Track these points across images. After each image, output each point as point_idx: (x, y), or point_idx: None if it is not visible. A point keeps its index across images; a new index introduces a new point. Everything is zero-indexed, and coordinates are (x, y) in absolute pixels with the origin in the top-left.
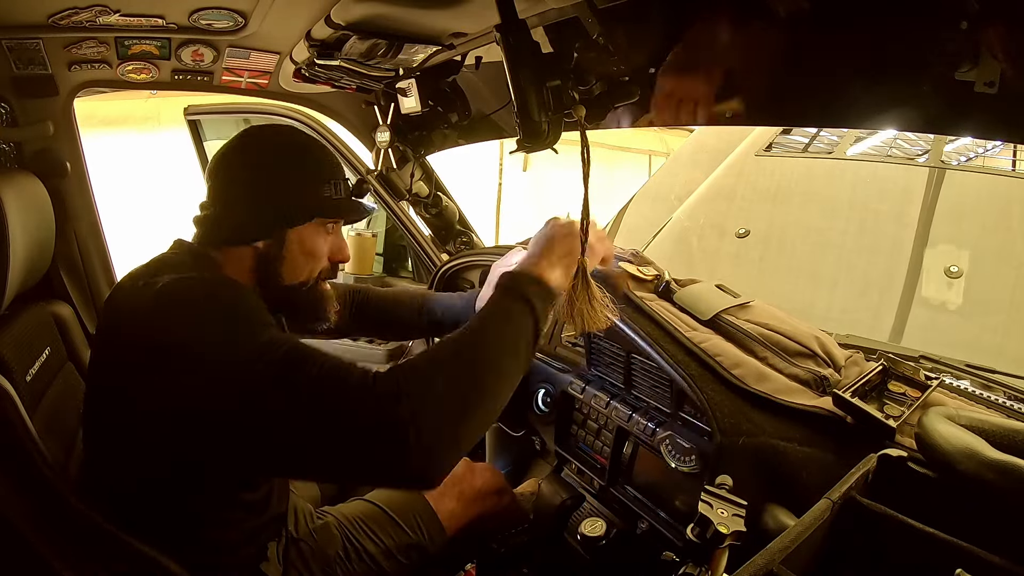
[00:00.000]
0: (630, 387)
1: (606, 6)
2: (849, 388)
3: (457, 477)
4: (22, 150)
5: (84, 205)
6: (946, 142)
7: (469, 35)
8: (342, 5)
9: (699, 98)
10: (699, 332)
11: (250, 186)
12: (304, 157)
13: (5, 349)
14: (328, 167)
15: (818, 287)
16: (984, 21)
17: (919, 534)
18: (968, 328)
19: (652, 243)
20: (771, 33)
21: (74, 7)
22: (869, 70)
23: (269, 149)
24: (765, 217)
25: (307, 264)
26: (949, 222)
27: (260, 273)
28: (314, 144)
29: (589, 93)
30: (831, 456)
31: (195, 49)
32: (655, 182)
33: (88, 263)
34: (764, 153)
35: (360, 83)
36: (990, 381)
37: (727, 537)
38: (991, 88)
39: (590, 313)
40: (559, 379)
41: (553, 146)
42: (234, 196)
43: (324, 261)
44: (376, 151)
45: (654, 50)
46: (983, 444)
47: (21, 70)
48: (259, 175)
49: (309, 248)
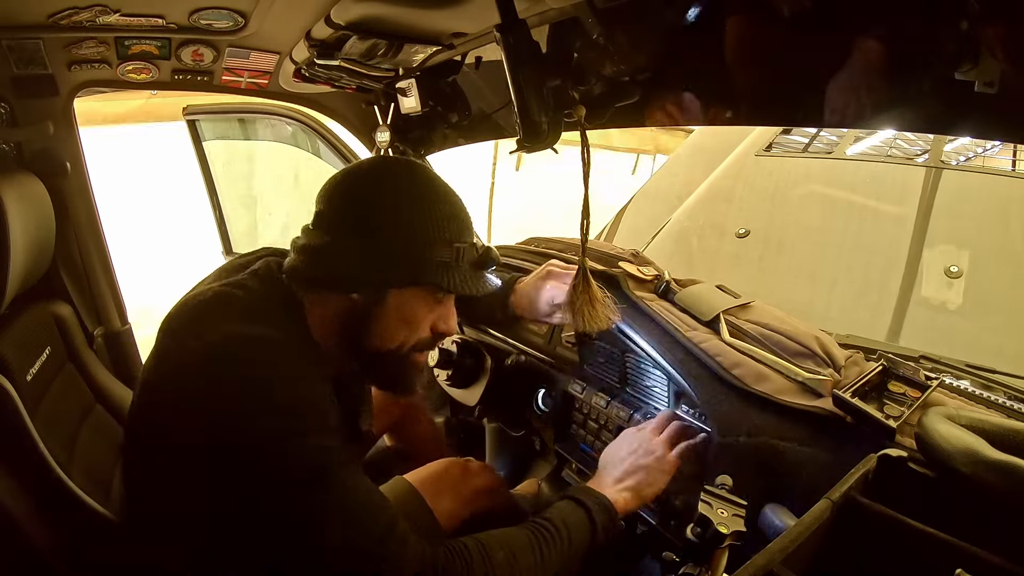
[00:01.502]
0: (625, 386)
1: (606, 6)
2: (849, 388)
3: (454, 477)
4: (22, 150)
5: (84, 205)
6: (945, 142)
7: (469, 35)
8: (342, 5)
9: (699, 98)
10: (699, 332)
11: (363, 228)
12: (433, 209)
13: (5, 349)
14: (457, 225)
15: (818, 287)
16: (984, 21)
17: (919, 534)
18: (968, 328)
19: (652, 243)
20: (771, 33)
21: (74, 7)
22: (869, 70)
23: (397, 191)
24: (765, 217)
25: (402, 332)
26: (949, 222)
27: (347, 329)
28: (447, 194)
29: (589, 93)
30: (831, 456)
31: (195, 49)
32: (655, 182)
33: (88, 263)
34: (764, 153)
35: (360, 83)
36: (990, 381)
37: (727, 537)
38: (991, 88)
39: (591, 313)
40: (559, 379)
41: (553, 146)
42: (341, 234)
43: (424, 332)
44: (376, 151)
45: (654, 50)
46: (983, 444)
47: (21, 70)
48: (377, 218)
49: (408, 315)
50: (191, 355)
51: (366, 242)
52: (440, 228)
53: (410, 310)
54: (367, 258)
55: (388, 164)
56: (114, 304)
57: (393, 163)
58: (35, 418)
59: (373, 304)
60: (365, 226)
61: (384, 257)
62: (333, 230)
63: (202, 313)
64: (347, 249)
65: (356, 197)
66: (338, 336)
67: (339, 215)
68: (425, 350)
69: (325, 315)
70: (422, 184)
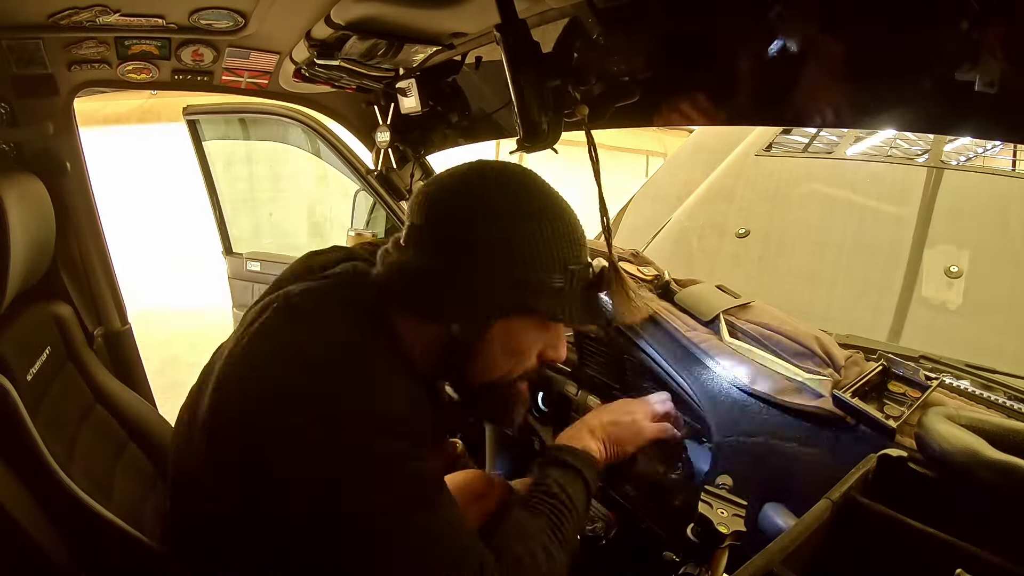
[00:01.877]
0: (624, 387)
1: (606, 6)
2: (849, 388)
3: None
4: (22, 150)
5: (84, 205)
6: (946, 142)
7: (469, 35)
8: (342, 5)
9: (699, 98)
10: (699, 332)
11: (464, 251)
12: (546, 228)
13: (5, 349)
14: (573, 244)
15: (818, 287)
16: (984, 21)
17: (919, 534)
18: (968, 328)
19: (652, 243)
20: (771, 33)
21: (74, 7)
22: (869, 70)
23: (504, 207)
24: (765, 217)
25: (507, 363)
26: (949, 222)
27: (446, 360)
28: (561, 208)
29: (589, 93)
30: (831, 456)
31: (195, 49)
32: (655, 182)
33: (88, 263)
34: (764, 153)
35: (360, 83)
36: (990, 381)
37: (727, 537)
38: (991, 88)
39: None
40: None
41: (553, 146)
42: (439, 256)
43: (531, 361)
44: (376, 151)
45: (654, 50)
46: (983, 444)
47: (21, 70)
48: (482, 240)
49: (515, 346)
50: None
51: (468, 268)
52: (555, 250)
53: (517, 340)
54: (469, 288)
55: (492, 173)
56: (114, 304)
57: (498, 172)
58: (35, 418)
59: (476, 338)
60: (466, 249)
61: (490, 287)
62: (429, 250)
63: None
64: (445, 275)
65: (456, 213)
66: (435, 365)
67: (435, 233)
68: (530, 380)
69: (420, 340)
70: (534, 198)
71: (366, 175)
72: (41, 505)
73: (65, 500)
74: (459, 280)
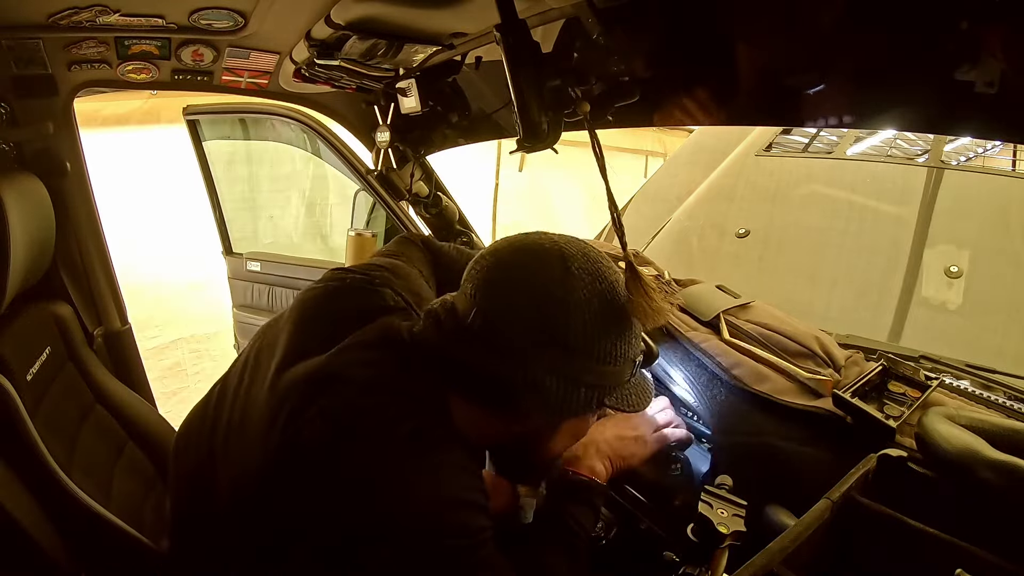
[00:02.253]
0: None
1: (606, 6)
2: (849, 388)
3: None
4: (22, 150)
5: (84, 205)
6: (946, 142)
7: (469, 35)
8: (342, 5)
9: (699, 98)
10: (699, 332)
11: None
12: (616, 326)
13: (5, 349)
14: (636, 335)
15: (818, 287)
16: (984, 21)
17: (919, 534)
18: (968, 328)
19: (652, 243)
20: (771, 33)
21: (74, 7)
22: (869, 70)
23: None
24: (765, 217)
25: (568, 445)
26: (949, 222)
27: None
28: (623, 300)
29: (589, 93)
30: (831, 456)
31: (195, 49)
32: (655, 182)
33: (88, 263)
34: (764, 153)
35: (360, 83)
36: (990, 381)
37: (727, 537)
38: (991, 88)
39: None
40: None
41: (553, 146)
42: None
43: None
44: (376, 151)
45: (654, 50)
46: (983, 444)
47: (21, 70)
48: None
49: (577, 431)
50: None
51: (547, 372)
52: (627, 348)
53: (582, 428)
54: (549, 396)
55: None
56: (114, 304)
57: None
58: (35, 418)
59: (549, 434)
60: (545, 353)
61: (571, 393)
62: (499, 348)
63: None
64: (524, 381)
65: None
66: (491, 445)
67: (506, 329)
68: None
69: (478, 425)
70: (605, 292)
71: (366, 175)
72: (41, 505)
73: (65, 500)
74: (536, 386)
